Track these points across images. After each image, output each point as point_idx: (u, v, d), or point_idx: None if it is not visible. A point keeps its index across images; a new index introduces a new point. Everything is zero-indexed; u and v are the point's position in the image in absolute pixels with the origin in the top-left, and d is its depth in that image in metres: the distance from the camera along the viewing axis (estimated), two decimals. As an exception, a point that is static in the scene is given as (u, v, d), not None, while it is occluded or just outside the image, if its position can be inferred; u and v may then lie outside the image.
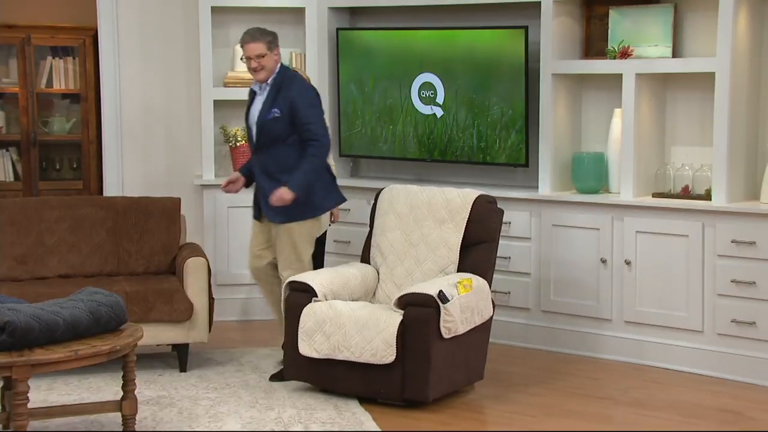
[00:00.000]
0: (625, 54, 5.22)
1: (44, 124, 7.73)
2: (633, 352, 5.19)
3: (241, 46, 4.81)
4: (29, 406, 3.67)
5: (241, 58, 4.89)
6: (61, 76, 7.60)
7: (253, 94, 4.92)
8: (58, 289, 4.73)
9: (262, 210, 4.90)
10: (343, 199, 5.01)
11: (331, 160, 5.11)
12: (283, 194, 4.69)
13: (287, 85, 4.80)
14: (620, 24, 5.32)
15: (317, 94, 4.89)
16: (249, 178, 4.96)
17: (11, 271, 5.10)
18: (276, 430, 4.17)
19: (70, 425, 4.16)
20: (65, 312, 3.83)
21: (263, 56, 4.75)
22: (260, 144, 4.83)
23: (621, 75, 5.18)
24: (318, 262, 5.12)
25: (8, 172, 7.63)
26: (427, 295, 4.39)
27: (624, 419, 4.40)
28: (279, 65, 4.83)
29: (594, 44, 5.48)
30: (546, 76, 5.40)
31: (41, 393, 4.49)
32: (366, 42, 6.06)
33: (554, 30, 5.36)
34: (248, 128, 4.92)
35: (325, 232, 5.26)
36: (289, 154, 4.78)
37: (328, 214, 5.16)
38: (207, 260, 5.09)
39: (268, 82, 4.81)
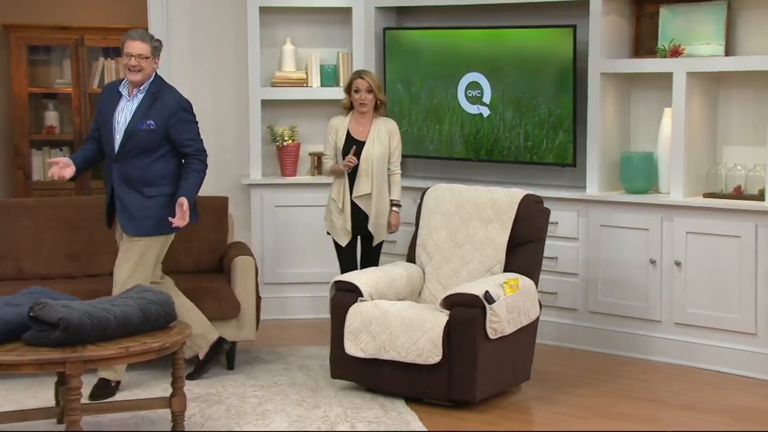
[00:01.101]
0: (675, 53, 5.15)
1: (96, 124, 7.85)
2: (683, 354, 5.12)
3: (123, 43, 4.57)
4: (82, 401, 3.73)
5: (127, 55, 4.55)
6: (113, 76, 7.73)
7: (116, 96, 4.62)
8: (109, 286, 4.78)
9: (115, 218, 4.67)
10: (197, 219, 4.75)
11: None
12: (186, 213, 4.53)
13: (165, 96, 4.62)
14: (671, 22, 5.25)
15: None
16: (79, 169, 4.62)
17: (64, 269, 5.19)
18: (322, 428, 4.19)
19: (120, 421, 4.22)
20: (116, 309, 3.88)
21: (145, 59, 4.54)
22: (125, 152, 4.55)
23: (671, 74, 5.11)
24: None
25: (61, 171, 7.75)
26: (473, 295, 4.38)
27: (675, 422, 4.34)
28: (155, 74, 4.63)
29: (644, 43, 5.42)
30: (594, 76, 5.35)
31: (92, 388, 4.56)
32: (413, 41, 6.06)
33: (603, 28, 5.31)
34: (107, 132, 4.59)
35: (382, 242, 5.25)
36: (156, 167, 4.58)
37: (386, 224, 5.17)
38: (254, 259, 5.13)
39: (141, 88, 4.58)
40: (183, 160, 4.69)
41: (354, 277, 4.73)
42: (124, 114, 4.60)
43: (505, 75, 5.71)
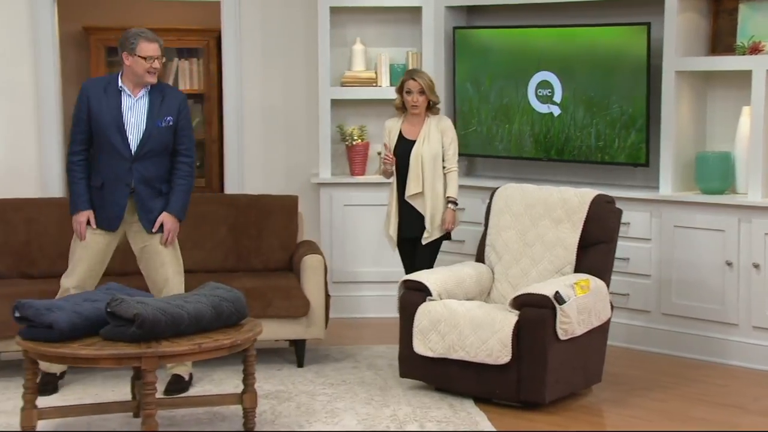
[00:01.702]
0: (755, 50, 5.02)
1: (169, 124, 8.00)
2: (762, 358, 5.00)
3: (136, 45, 4.49)
4: (157, 396, 3.80)
5: (145, 57, 4.49)
6: (187, 76, 7.86)
7: (115, 95, 4.54)
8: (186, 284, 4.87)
9: (124, 219, 4.59)
10: (184, 218, 4.70)
11: None
12: (173, 227, 4.58)
13: (169, 91, 4.65)
14: (751, 18, 5.12)
15: None
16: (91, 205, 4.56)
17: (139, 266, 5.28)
18: (391, 428, 4.20)
19: (193, 416, 4.29)
20: (189, 306, 3.95)
21: (160, 59, 4.55)
22: (145, 151, 4.53)
23: (750, 72, 4.99)
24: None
25: (135, 171, 7.91)
26: (544, 295, 4.34)
27: (754, 429, 4.23)
28: None
29: (722, 40, 5.30)
30: (669, 74, 5.26)
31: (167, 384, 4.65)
32: (483, 40, 6.03)
33: (678, 26, 5.21)
34: (111, 132, 4.50)
35: (438, 243, 5.13)
36: (168, 164, 4.61)
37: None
38: (323, 258, 5.17)
39: (146, 86, 4.56)
40: (172, 160, 4.63)
41: (423, 276, 4.73)
42: (135, 113, 4.55)
43: (576, 74, 5.64)
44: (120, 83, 4.57)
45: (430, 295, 4.64)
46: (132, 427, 4.13)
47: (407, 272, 5.08)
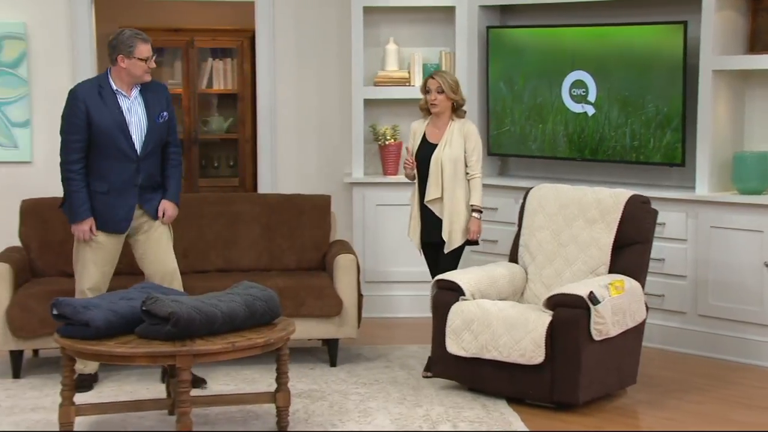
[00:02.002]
0: (794, 48, 4.96)
1: (204, 123, 8.07)
2: (800, 361, 4.94)
3: (134, 46, 4.50)
4: (191, 394, 3.83)
5: (144, 59, 4.53)
6: (221, 76, 7.92)
7: (111, 97, 4.53)
8: (216, 282, 4.89)
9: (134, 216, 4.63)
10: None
11: None
12: (174, 213, 4.71)
13: (153, 86, 4.64)
14: (791, 16, 5.06)
15: None
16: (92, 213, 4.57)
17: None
18: (424, 427, 4.19)
19: (227, 414, 4.32)
20: (223, 305, 3.97)
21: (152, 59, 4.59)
22: (149, 150, 4.58)
23: (790, 70, 4.93)
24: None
25: (170, 170, 7.99)
26: (578, 296, 4.32)
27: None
28: None
29: (761, 38, 5.23)
30: (706, 73, 5.20)
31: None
32: (516, 40, 6.01)
33: (716, 24, 5.15)
34: (115, 134, 4.49)
35: (460, 250, 4.94)
36: (161, 156, 4.69)
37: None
38: (356, 257, 5.18)
39: (136, 85, 4.57)
40: (163, 151, 4.69)
41: (456, 275, 4.72)
42: (133, 113, 4.57)
43: (611, 73, 5.60)
44: (114, 86, 4.55)
45: (463, 294, 4.63)
46: (167, 425, 4.16)
47: (432, 276, 5.01)
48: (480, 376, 4.53)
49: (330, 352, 5.11)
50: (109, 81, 4.56)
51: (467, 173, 4.88)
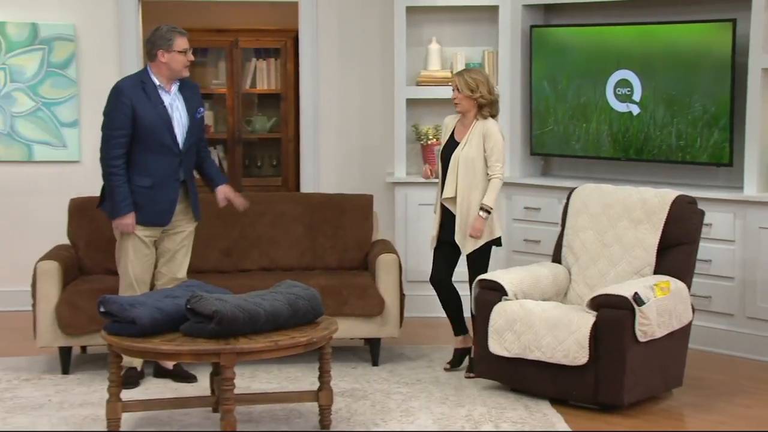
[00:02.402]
0: None
1: (247, 123, 8.13)
2: None
3: (172, 40, 4.56)
4: (235, 391, 3.86)
5: (182, 51, 4.57)
6: (264, 76, 7.97)
7: (154, 92, 4.57)
8: (259, 281, 4.93)
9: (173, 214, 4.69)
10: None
11: None
12: (233, 193, 4.81)
13: (190, 83, 4.74)
14: (840, 13, 4.96)
15: None
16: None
17: (218, 263, 5.38)
18: (466, 428, 4.18)
19: (271, 412, 4.34)
20: (266, 303, 4.00)
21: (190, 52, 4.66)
22: (189, 145, 4.67)
23: (842, 68, 4.84)
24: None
25: (215, 169, 8.06)
26: (622, 296, 4.28)
27: None
28: None
29: (811, 36, 5.15)
30: (755, 71, 5.12)
31: (245, 380, 4.71)
32: (560, 39, 5.97)
33: (766, 22, 5.07)
34: (159, 130, 4.56)
35: (484, 250, 4.87)
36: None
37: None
38: (398, 257, 5.18)
39: (174, 81, 4.64)
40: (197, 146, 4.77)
41: (498, 275, 4.71)
42: (175, 109, 4.63)
43: (657, 72, 5.54)
44: (156, 81, 4.60)
45: (506, 294, 4.61)
46: (211, 422, 4.20)
47: (432, 275, 4.95)
48: (523, 377, 4.51)
49: (372, 351, 5.12)
50: (150, 77, 4.62)
51: (487, 174, 4.79)
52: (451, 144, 4.90)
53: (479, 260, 4.86)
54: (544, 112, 6.05)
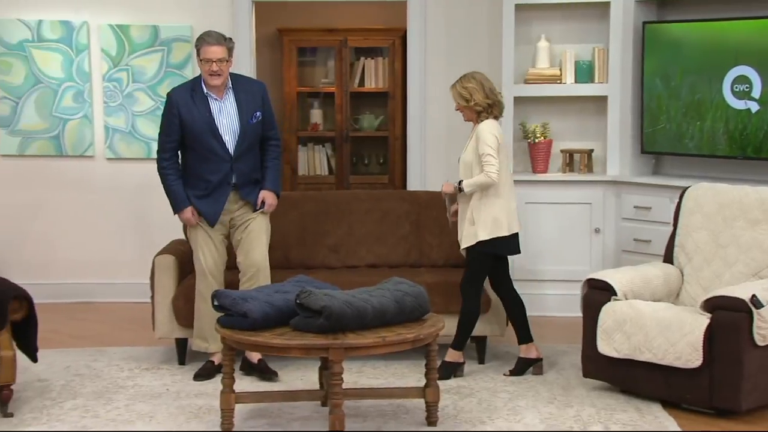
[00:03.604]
0: None
1: (355, 121, 8.22)
2: None
3: (200, 48, 4.58)
4: (343, 386, 3.91)
5: (206, 60, 4.59)
6: (372, 75, 8.04)
7: (202, 100, 4.63)
8: (366, 277, 4.99)
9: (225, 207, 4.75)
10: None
11: None
12: (273, 202, 4.82)
13: (248, 85, 4.70)
14: None
15: None
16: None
17: (325, 259, 5.46)
18: (575, 428, 4.13)
19: (378, 407, 4.38)
20: (374, 300, 4.04)
21: (224, 62, 4.57)
22: (242, 150, 4.68)
23: None
24: (506, 284, 4.92)
25: (323, 166, 8.21)
26: (739, 299, 4.15)
27: None
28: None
29: None
30: None
31: (352, 375, 4.76)
32: (674, 35, 5.82)
33: None
34: (206, 137, 4.62)
35: (481, 259, 4.79)
36: (259, 153, 4.80)
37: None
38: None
39: (228, 86, 4.65)
40: (263, 145, 4.80)
41: (608, 275, 4.63)
42: (225, 115, 4.67)
43: (777, 67, 5.35)
44: (205, 88, 4.66)
45: (615, 294, 4.53)
46: (320, 416, 4.27)
47: (491, 285, 4.92)
48: (633, 378, 4.43)
49: (478, 349, 5.11)
50: (201, 84, 4.71)
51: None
52: None
53: (471, 264, 4.80)
54: (655, 110, 5.92)
